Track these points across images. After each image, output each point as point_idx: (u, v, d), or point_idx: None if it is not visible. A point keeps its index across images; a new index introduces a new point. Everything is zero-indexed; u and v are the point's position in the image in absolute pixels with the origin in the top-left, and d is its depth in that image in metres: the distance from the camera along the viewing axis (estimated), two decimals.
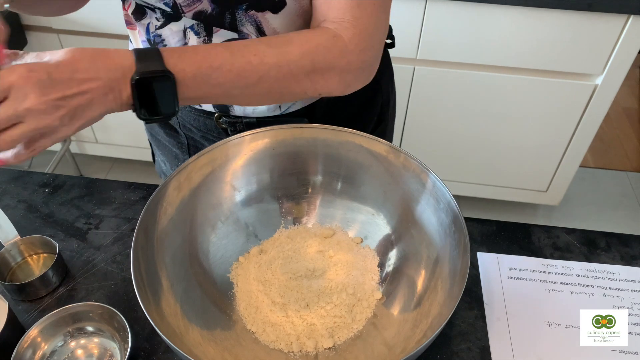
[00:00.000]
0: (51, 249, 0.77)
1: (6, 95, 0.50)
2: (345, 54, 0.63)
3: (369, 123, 0.89)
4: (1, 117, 0.50)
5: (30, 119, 0.51)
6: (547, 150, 1.74)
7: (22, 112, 0.51)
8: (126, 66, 0.56)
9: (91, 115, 0.56)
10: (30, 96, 0.51)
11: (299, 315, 0.68)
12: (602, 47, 1.47)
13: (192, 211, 0.71)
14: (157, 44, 0.73)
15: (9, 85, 0.50)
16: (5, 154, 0.53)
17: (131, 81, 0.56)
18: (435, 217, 0.68)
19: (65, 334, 0.68)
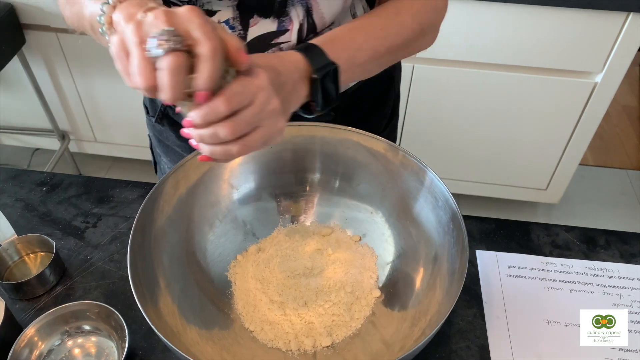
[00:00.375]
0: (48, 248, 0.76)
1: (252, 100, 0.50)
2: (442, 10, 0.71)
3: (383, 117, 0.89)
4: (247, 121, 0.49)
5: (269, 122, 0.51)
6: (547, 148, 1.74)
7: (265, 115, 0.51)
8: (301, 66, 0.58)
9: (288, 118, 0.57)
10: (273, 100, 0.51)
11: (297, 313, 0.68)
12: (602, 44, 1.46)
13: (190, 209, 0.71)
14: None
15: (256, 89, 0.50)
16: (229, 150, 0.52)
17: (311, 79, 0.58)
18: (433, 214, 0.68)
19: (62, 332, 0.68)
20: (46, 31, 1.70)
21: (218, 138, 0.49)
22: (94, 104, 1.89)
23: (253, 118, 0.50)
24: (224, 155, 0.51)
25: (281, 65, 0.56)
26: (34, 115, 1.94)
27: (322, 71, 0.59)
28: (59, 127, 1.97)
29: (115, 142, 2.01)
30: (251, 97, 0.49)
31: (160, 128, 0.87)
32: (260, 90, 0.50)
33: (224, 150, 0.50)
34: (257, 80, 0.50)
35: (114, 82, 1.80)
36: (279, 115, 0.52)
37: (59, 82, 1.84)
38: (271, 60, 0.56)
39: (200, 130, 0.49)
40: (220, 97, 0.47)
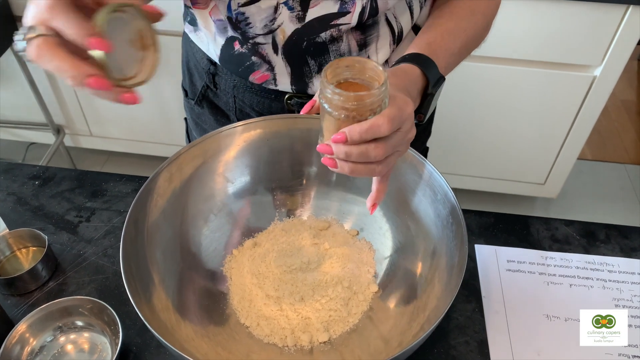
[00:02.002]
0: (40, 243, 0.75)
1: (401, 126, 0.52)
2: (498, 5, 0.74)
3: (421, 137, 0.89)
4: (394, 146, 0.52)
5: (404, 147, 0.54)
6: (545, 142, 1.73)
7: (405, 141, 0.53)
8: (419, 81, 0.60)
9: None
10: (413, 128, 0.54)
11: (293, 308, 0.67)
12: (601, 37, 1.45)
13: (184, 203, 0.69)
14: (240, 22, 0.68)
15: (407, 116, 0.52)
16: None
17: (427, 94, 0.61)
18: (432, 208, 0.67)
19: (54, 329, 0.67)
20: None
21: (367, 157, 0.51)
22: (89, 98, 1.87)
23: (398, 142, 0.52)
24: (367, 174, 0.53)
25: (410, 84, 0.58)
26: (28, 109, 1.92)
27: (437, 87, 0.61)
28: (54, 121, 1.95)
29: (111, 136, 1.99)
30: (402, 123, 0.52)
31: (199, 111, 0.86)
32: (409, 118, 0.53)
33: (368, 170, 0.52)
34: (409, 108, 0.53)
35: None
36: (410, 141, 0.55)
37: (53, 76, 1.82)
38: (403, 80, 0.58)
39: (350, 148, 0.51)
40: (384, 118, 0.49)
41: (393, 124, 0.50)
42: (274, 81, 0.74)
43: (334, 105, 0.50)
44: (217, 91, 0.81)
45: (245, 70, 0.73)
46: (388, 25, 0.70)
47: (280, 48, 0.70)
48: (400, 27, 0.72)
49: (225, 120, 0.84)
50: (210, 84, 0.81)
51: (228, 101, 0.81)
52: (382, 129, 0.49)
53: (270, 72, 0.73)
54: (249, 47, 0.71)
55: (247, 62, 0.72)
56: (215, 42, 0.74)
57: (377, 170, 0.52)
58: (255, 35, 0.69)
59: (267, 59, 0.71)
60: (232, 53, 0.73)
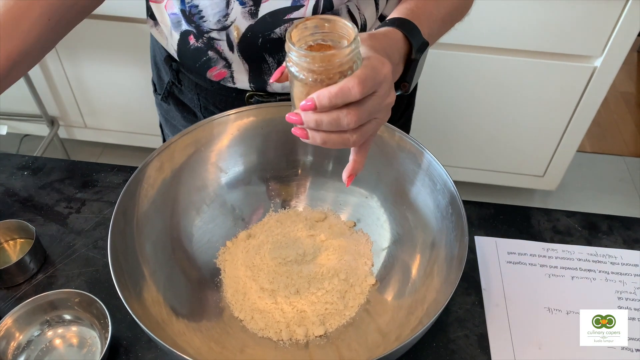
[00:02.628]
0: (28, 234, 0.73)
1: (377, 89, 0.47)
2: None
3: (398, 106, 0.85)
4: (369, 112, 0.47)
5: (383, 114, 0.50)
6: (544, 134, 1.71)
7: (383, 107, 0.49)
8: (401, 46, 0.55)
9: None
10: (392, 93, 0.49)
11: (288, 301, 0.65)
12: (602, 28, 1.43)
13: (175, 193, 0.67)
14: (193, 15, 0.66)
15: (383, 78, 0.47)
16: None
17: (410, 59, 0.57)
18: (431, 199, 0.65)
19: (41, 322, 0.65)
20: None
21: (339, 125, 0.46)
22: (83, 89, 1.85)
23: (374, 108, 0.47)
24: (341, 144, 0.48)
25: (390, 48, 0.53)
26: (22, 100, 1.90)
27: (420, 51, 0.57)
28: (48, 113, 1.93)
29: (105, 128, 1.96)
30: (377, 86, 0.47)
31: (167, 107, 0.84)
32: (385, 81, 0.48)
33: (342, 140, 0.48)
34: (385, 69, 0.48)
35: (103, 67, 1.75)
36: (390, 108, 0.50)
37: (47, 66, 1.79)
38: (382, 42, 0.53)
39: (320, 116, 0.46)
40: (354, 79, 0.45)
41: (365, 86, 0.45)
42: (231, 79, 0.71)
43: (300, 68, 0.46)
44: (182, 88, 0.79)
45: (202, 66, 0.71)
46: (350, 17, 0.67)
47: (235, 46, 0.67)
48: (364, 19, 0.68)
49: (192, 117, 0.82)
50: (175, 80, 0.79)
51: (192, 98, 0.79)
52: (353, 92, 0.45)
53: (228, 70, 0.70)
54: (204, 42, 0.68)
55: (204, 57, 0.70)
56: (172, 37, 0.71)
57: (351, 140, 0.48)
58: (210, 30, 0.67)
59: (224, 55, 0.69)
60: (188, 48, 0.70)
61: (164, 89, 0.82)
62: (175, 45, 0.72)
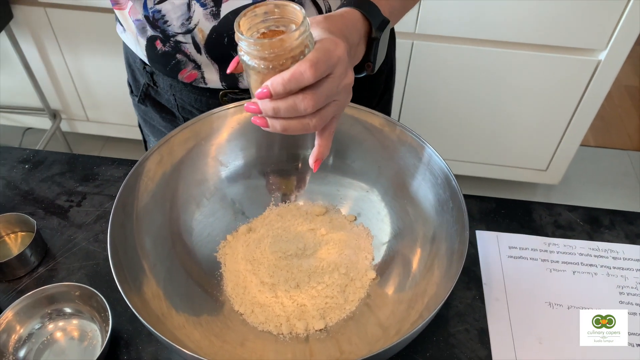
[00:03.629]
0: (30, 228, 0.73)
1: (332, 71, 0.47)
2: None
3: (376, 92, 0.84)
4: (327, 95, 0.47)
5: (343, 96, 0.49)
6: (548, 128, 1.70)
7: (341, 89, 0.48)
8: (360, 26, 0.54)
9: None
10: (349, 73, 0.49)
11: (288, 295, 0.65)
12: (606, 21, 1.42)
13: (175, 187, 0.67)
14: (157, 20, 0.66)
15: (337, 60, 0.47)
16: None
17: (372, 39, 0.55)
18: (432, 192, 0.65)
19: (42, 316, 0.65)
20: (34, 6, 1.65)
21: (296, 111, 0.46)
22: (84, 82, 1.85)
23: (331, 91, 0.47)
24: (301, 130, 0.48)
25: (347, 28, 0.52)
26: (24, 93, 1.90)
27: (381, 30, 0.55)
28: (50, 106, 1.93)
29: (107, 121, 1.96)
30: (332, 68, 0.46)
31: (144, 108, 0.84)
32: (340, 62, 0.47)
33: (301, 125, 0.48)
34: (338, 50, 0.47)
35: (105, 60, 1.75)
36: (350, 89, 0.50)
37: (48, 59, 1.79)
38: (338, 23, 0.52)
39: (276, 103, 0.46)
40: (305, 63, 0.44)
41: (318, 69, 0.45)
42: (202, 79, 0.71)
43: (252, 56, 0.46)
44: (158, 89, 0.78)
45: (172, 70, 0.70)
46: (314, 4, 0.66)
47: (202, 47, 0.67)
48: (329, 5, 0.67)
49: (170, 116, 0.82)
50: (150, 82, 0.78)
51: (169, 99, 0.78)
52: (305, 76, 0.44)
53: (198, 71, 0.70)
54: (171, 45, 0.68)
55: (173, 61, 0.69)
56: (139, 43, 0.71)
57: (311, 125, 0.48)
58: (175, 34, 0.66)
59: (192, 57, 0.68)
60: (156, 52, 0.70)
61: (140, 91, 0.81)
62: (144, 51, 0.71)
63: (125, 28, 0.73)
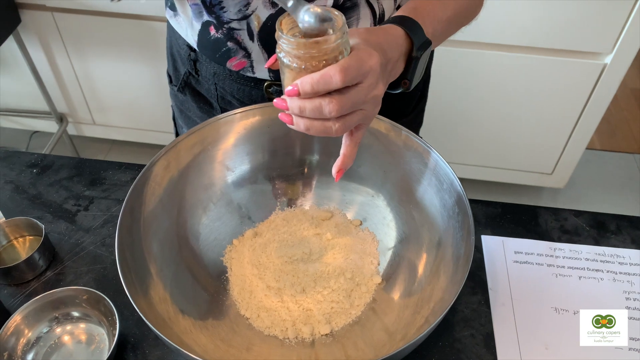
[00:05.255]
0: (38, 232, 0.74)
1: (362, 80, 0.48)
2: None
3: (412, 98, 0.86)
4: (353, 102, 0.48)
5: (370, 106, 0.50)
6: (553, 131, 1.70)
7: (369, 99, 0.49)
8: (402, 42, 0.55)
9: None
10: (380, 85, 0.50)
11: (294, 300, 0.65)
12: (612, 25, 1.42)
13: (182, 192, 0.68)
14: (214, 5, 0.67)
15: (369, 69, 0.48)
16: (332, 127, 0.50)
17: (412, 57, 0.56)
18: (437, 198, 0.65)
19: (50, 319, 0.65)
20: (42, 10, 1.66)
21: (321, 112, 0.47)
22: (91, 86, 1.86)
23: (358, 99, 0.48)
24: (323, 132, 0.49)
25: (387, 43, 0.53)
26: (31, 97, 1.91)
27: (422, 49, 0.57)
28: (57, 110, 1.94)
29: (114, 124, 1.97)
30: (362, 77, 0.48)
31: (182, 98, 0.85)
32: (371, 72, 0.48)
33: (324, 127, 0.49)
34: (371, 61, 0.48)
35: (112, 63, 1.76)
36: (379, 101, 0.51)
37: (55, 63, 1.80)
38: (379, 37, 0.53)
39: (303, 102, 0.47)
40: (336, 67, 0.46)
41: (347, 74, 0.46)
42: (251, 68, 0.72)
43: (287, 55, 0.48)
44: (199, 78, 0.79)
45: (222, 57, 0.71)
46: (369, 6, 0.68)
47: (255, 35, 0.67)
48: (382, 9, 0.69)
49: (208, 107, 0.83)
50: (192, 70, 0.79)
51: (210, 88, 0.79)
52: (334, 80, 0.46)
53: (247, 59, 0.71)
54: (224, 32, 0.69)
55: (224, 48, 0.70)
56: (192, 28, 0.72)
57: (334, 129, 0.49)
58: (230, 20, 0.67)
59: (243, 45, 0.69)
60: (208, 38, 0.71)
61: (180, 80, 0.82)
62: (196, 36, 0.72)
63: (179, 12, 0.74)
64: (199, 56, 0.77)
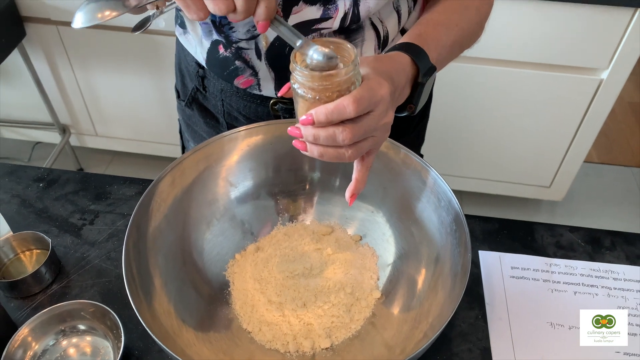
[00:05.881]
0: (44, 245, 0.75)
1: (374, 109, 0.50)
2: (492, 4, 0.73)
3: (412, 122, 0.88)
4: (365, 130, 0.50)
5: (380, 133, 0.52)
6: (551, 145, 1.72)
7: (380, 126, 0.52)
8: (408, 69, 0.58)
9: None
10: (390, 113, 0.52)
11: (295, 314, 0.67)
12: (609, 41, 1.44)
13: (187, 208, 0.69)
14: (223, 26, 0.69)
15: (380, 99, 0.50)
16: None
17: (417, 83, 0.58)
18: (436, 215, 0.67)
19: (57, 332, 0.67)
20: (47, 24, 1.68)
21: (334, 140, 0.50)
22: (94, 98, 1.88)
23: (370, 127, 0.50)
24: (336, 158, 0.51)
25: (394, 71, 0.56)
26: (34, 108, 1.93)
27: (427, 75, 0.59)
28: (60, 121, 1.96)
29: (116, 136, 1.99)
30: (374, 106, 0.50)
31: (190, 112, 0.87)
32: (382, 101, 0.50)
33: (337, 154, 0.51)
34: (382, 90, 0.50)
35: (115, 76, 1.78)
36: (389, 128, 0.53)
37: (59, 75, 1.83)
38: (387, 65, 0.55)
39: (317, 130, 0.50)
40: (349, 98, 0.48)
41: (360, 105, 0.48)
42: (258, 86, 0.74)
43: (302, 86, 0.50)
44: (206, 94, 0.82)
45: (229, 75, 0.74)
46: (374, 28, 0.70)
47: (263, 54, 0.70)
48: (387, 31, 0.71)
49: (214, 122, 0.85)
50: (200, 86, 0.81)
51: (216, 104, 0.81)
52: (347, 110, 0.48)
53: (254, 77, 0.73)
54: (232, 52, 0.71)
55: (232, 66, 0.72)
56: (202, 45, 0.74)
57: (347, 155, 0.51)
58: (239, 40, 0.69)
59: (251, 64, 0.71)
60: (217, 56, 0.73)
61: (188, 95, 0.85)
62: (205, 54, 0.74)
63: (189, 30, 0.76)
64: (207, 73, 0.79)
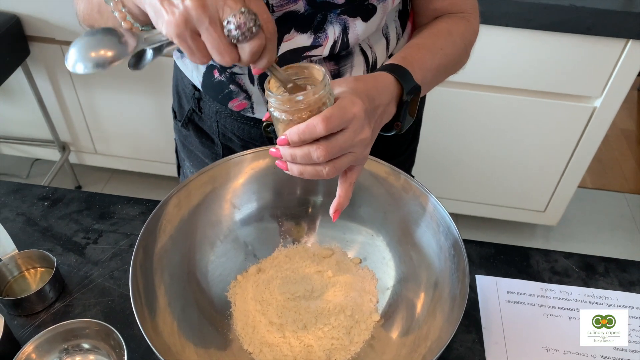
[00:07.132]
0: (49, 264, 0.76)
1: (347, 126, 0.52)
2: (477, 33, 0.76)
3: (404, 140, 0.91)
4: (340, 147, 0.52)
5: (358, 149, 0.54)
6: (546, 170, 1.74)
7: (357, 142, 0.53)
8: (392, 88, 0.60)
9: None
10: (366, 129, 0.54)
11: (296, 336, 0.68)
12: (601, 69, 1.48)
13: (192, 229, 0.71)
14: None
15: (352, 116, 0.52)
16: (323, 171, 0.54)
17: (402, 101, 0.61)
18: (434, 240, 0.68)
19: (60, 350, 0.67)
20: (50, 43, 1.71)
21: (310, 159, 0.52)
22: (95, 116, 1.90)
23: (345, 144, 0.52)
24: (316, 175, 0.54)
25: (375, 89, 0.58)
26: (34, 125, 1.95)
27: (412, 93, 0.61)
28: (60, 138, 1.98)
29: (115, 154, 2.01)
30: (346, 123, 0.52)
31: (186, 133, 0.89)
32: (355, 119, 0.52)
33: (315, 171, 0.53)
34: (355, 108, 0.53)
35: (116, 95, 1.80)
36: (368, 143, 0.55)
37: (61, 94, 1.85)
38: (367, 84, 0.58)
39: (293, 150, 0.52)
40: (319, 117, 0.50)
41: (330, 123, 0.50)
42: (251, 109, 0.77)
43: (276, 109, 0.53)
44: (202, 115, 0.84)
45: (224, 98, 0.76)
46: (363, 54, 0.73)
47: (256, 79, 0.72)
48: (375, 56, 0.74)
49: (209, 142, 0.87)
50: (196, 108, 0.84)
51: (212, 125, 0.84)
52: (317, 128, 0.50)
53: (248, 101, 0.75)
54: (227, 76, 0.74)
55: (226, 90, 0.75)
56: (198, 70, 0.77)
57: (324, 172, 0.53)
58: (233, 65, 0.71)
59: (244, 88, 0.74)
60: (212, 80, 0.75)
61: (184, 116, 0.87)
62: (201, 77, 0.77)
63: (188, 63, 0.79)
64: (203, 95, 0.81)
